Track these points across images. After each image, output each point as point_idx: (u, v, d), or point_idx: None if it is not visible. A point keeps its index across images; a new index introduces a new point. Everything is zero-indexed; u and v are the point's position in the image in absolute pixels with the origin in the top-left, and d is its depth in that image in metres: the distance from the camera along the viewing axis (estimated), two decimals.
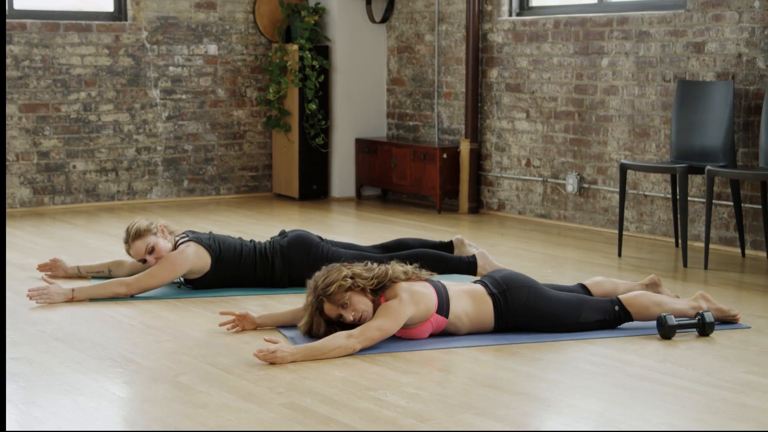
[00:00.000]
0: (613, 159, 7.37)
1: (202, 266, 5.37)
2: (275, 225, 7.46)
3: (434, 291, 4.47)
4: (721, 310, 4.79)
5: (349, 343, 4.25)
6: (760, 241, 6.51)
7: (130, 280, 5.27)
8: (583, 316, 4.61)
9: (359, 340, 4.26)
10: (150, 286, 5.28)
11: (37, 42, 8.24)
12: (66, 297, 5.20)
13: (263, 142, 9.26)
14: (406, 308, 4.35)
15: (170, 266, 5.27)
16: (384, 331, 4.31)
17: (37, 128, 8.30)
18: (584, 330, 4.62)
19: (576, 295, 4.71)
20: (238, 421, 3.51)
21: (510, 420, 3.54)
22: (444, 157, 8.32)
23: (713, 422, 3.53)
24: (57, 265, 5.74)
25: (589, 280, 4.98)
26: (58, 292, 5.20)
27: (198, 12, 8.87)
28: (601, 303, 4.68)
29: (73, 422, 3.51)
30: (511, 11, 8.10)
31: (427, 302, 4.42)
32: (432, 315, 4.44)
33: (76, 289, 5.23)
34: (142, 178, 8.73)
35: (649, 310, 4.67)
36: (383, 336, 4.32)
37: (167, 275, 5.27)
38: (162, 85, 8.74)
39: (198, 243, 5.36)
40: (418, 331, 4.46)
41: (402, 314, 4.34)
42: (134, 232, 5.35)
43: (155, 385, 3.90)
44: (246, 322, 4.66)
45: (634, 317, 4.68)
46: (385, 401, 3.71)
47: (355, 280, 4.37)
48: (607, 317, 4.65)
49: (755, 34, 6.47)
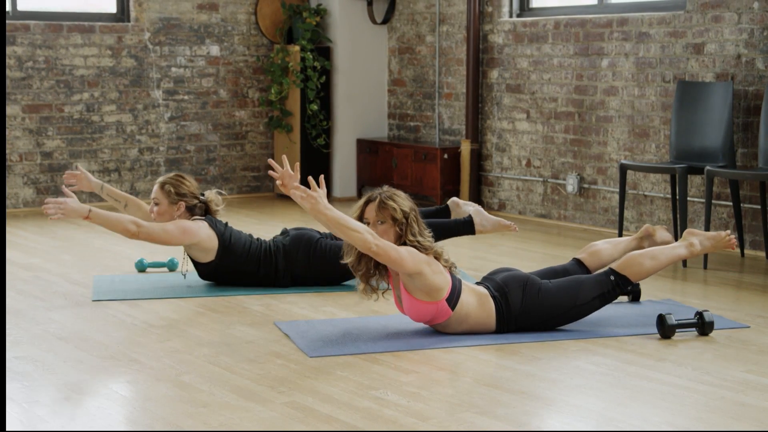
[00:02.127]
0: (613, 159, 7.39)
1: (209, 247, 5.43)
2: (277, 225, 7.49)
3: (451, 282, 4.47)
4: (713, 237, 4.80)
5: (369, 237, 4.26)
6: (759, 241, 6.53)
7: (143, 223, 5.30)
8: (581, 297, 4.58)
9: (378, 243, 4.27)
10: (159, 237, 5.31)
11: (40, 43, 8.27)
12: (81, 215, 5.19)
13: (265, 142, 9.28)
14: (422, 261, 4.35)
15: (183, 228, 5.34)
16: (399, 255, 4.29)
17: (41, 129, 8.32)
18: (587, 312, 4.61)
19: (569, 278, 4.68)
20: (240, 420, 3.52)
21: (510, 419, 3.55)
22: (445, 157, 8.34)
23: (712, 421, 3.54)
24: (82, 177, 5.79)
25: (582, 253, 4.95)
26: (74, 208, 5.18)
27: (200, 13, 8.89)
28: (595, 278, 4.64)
29: (76, 421, 3.53)
30: (511, 12, 8.12)
31: (442, 281, 4.41)
32: (440, 300, 4.44)
33: (92, 210, 5.22)
34: (144, 178, 8.76)
35: (644, 266, 4.64)
36: (396, 259, 4.29)
37: (177, 236, 5.32)
38: (164, 85, 8.77)
39: (211, 226, 5.45)
40: (422, 305, 4.42)
41: (418, 260, 4.33)
42: (161, 181, 5.50)
43: (158, 385, 3.92)
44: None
45: (633, 279, 4.65)
46: (386, 400, 3.72)
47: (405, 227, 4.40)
48: (606, 289, 4.60)
49: (754, 35, 6.49)
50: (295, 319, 4.90)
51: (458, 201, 5.86)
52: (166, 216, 5.46)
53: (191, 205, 5.51)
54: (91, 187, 5.80)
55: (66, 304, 5.19)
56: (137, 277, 5.86)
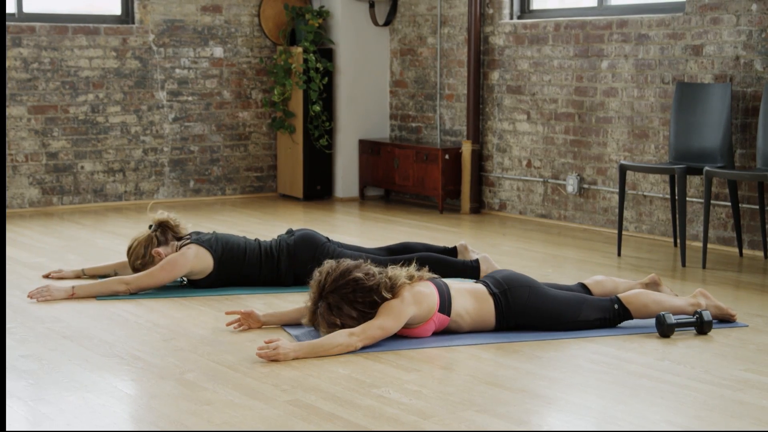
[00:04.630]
0: (613, 160, 7.42)
1: (204, 267, 5.40)
2: (280, 225, 7.51)
3: (436, 290, 4.50)
4: (719, 308, 4.81)
5: (350, 341, 4.29)
6: (757, 241, 6.56)
7: (129, 279, 5.32)
8: (583, 314, 4.64)
9: (360, 338, 4.31)
10: (148, 285, 5.33)
11: (45, 45, 8.31)
12: (66, 294, 5.25)
13: (268, 143, 9.32)
14: (407, 308, 4.40)
15: (170, 267, 5.31)
16: (385, 330, 4.35)
17: (46, 129, 8.37)
18: (584, 328, 4.64)
19: (576, 294, 4.73)
20: (243, 417, 3.54)
21: (511, 417, 3.56)
22: (446, 158, 8.37)
23: (711, 419, 3.55)
24: (63, 273, 5.77)
25: (589, 280, 4.99)
26: (58, 289, 5.26)
27: (204, 15, 8.93)
28: (600, 302, 4.70)
29: (81, 418, 3.54)
30: (512, 14, 8.15)
31: (429, 302, 4.46)
32: (434, 314, 4.48)
33: (76, 287, 5.29)
34: (149, 178, 8.80)
35: (649, 308, 4.69)
36: (384, 335, 4.36)
37: (166, 276, 5.32)
38: (168, 87, 8.81)
39: (199, 245, 5.39)
40: (421, 330, 4.50)
41: (404, 313, 4.38)
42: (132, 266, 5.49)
43: (162, 383, 3.93)
44: (251, 320, 4.71)
45: (634, 315, 4.70)
46: (388, 398, 3.74)
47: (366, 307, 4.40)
48: (607, 315, 4.67)
49: (753, 37, 6.52)
50: None
51: (468, 246, 5.77)
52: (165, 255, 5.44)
53: (163, 240, 5.48)
54: (73, 275, 5.76)
55: (71, 303, 5.19)
56: None
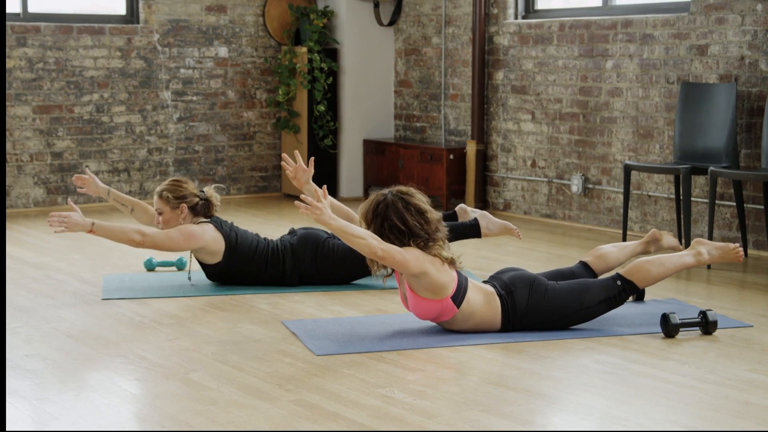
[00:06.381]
0: (618, 160, 7.42)
1: (216, 249, 5.45)
2: (284, 225, 7.52)
3: (456, 279, 4.49)
4: (720, 248, 4.80)
5: (373, 243, 4.32)
6: (762, 241, 6.55)
7: (147, 231, 5.33)
8: (587, 300, 4.60)
9: (383, 247, 4.33)
10: (163, 244, 5.35)
11: (50, 44, 8.32)
12: (84, 228, 5.23)
13: (273, 143, 9.33)
14: (426, 260, 4.38)
15: (187, 234, 5.36)
16: (404, 258, 4.34)
17: (51, 129, 8.38)
18: (593, 315, 4.63)
19: (576, 281, 4.69)
20: (247, 417, 3.55)
21: (516, 417, 3.56)
22: (450, 157, 8.37)
23: (716, 419, 3.55)
24: (90, 180, 5.83)
25: (588, 256, 4.98)
26: (77, 222, 5.23)
27: (209, 15, 8.94)
28: (602, 282, 4.66)
29: (86, 418, 3.55)
30: (516, 14, 8.15)
31: (447, 279, 4.43)
32: (446, 298, 4.47)
33: (96, 224, 5.26)
34: (153, 178, 8.81)
35: (651, 273, 4.65)
36: (401, 261, 4.34)
37: (182, 242, 5.35)
38: (173, 86, 8.82)
39: (217, 228, 5.46)
40: (426, 303, 4.45)
41: (422, 259, 4.37)
42: (158, 190, 5.53)
43: (166, 382, 3.95)
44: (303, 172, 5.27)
45: (640, 285, 4.66)
46: (393, 398, 3.74)
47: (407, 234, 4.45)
48: (612, 294, 4.62)
49: (758, 37, 6.51)
50: (303, 318, 4.93)
51: (466, 207, 5.95)
52: (172, 223, 5.48)
53: (193, 205, 5.52)
54: (98, 191, 5.83)
55: (76, 303, 5.23)
56: (146, 276, 5.90)
